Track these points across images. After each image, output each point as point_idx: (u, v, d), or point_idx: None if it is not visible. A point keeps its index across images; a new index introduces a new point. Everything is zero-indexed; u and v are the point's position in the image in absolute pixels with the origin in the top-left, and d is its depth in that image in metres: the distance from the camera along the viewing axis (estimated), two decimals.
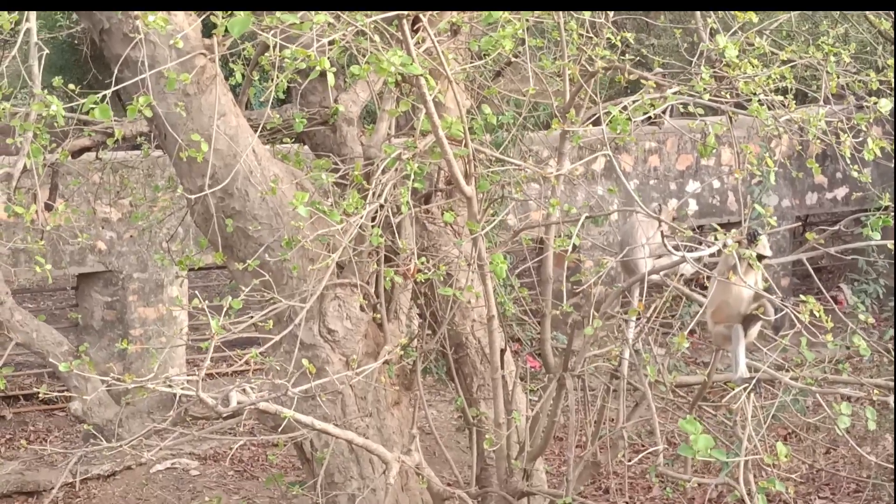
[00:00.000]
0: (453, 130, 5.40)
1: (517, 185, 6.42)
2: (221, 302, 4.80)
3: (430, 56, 5.22)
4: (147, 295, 12.12)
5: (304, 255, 5.96)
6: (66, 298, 14.56)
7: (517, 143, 9.22)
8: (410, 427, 6.32)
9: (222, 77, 5.96)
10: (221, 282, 15.59)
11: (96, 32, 5.84)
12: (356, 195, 5.43)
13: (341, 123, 7.08)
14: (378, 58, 4.76)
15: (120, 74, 5.57)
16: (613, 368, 6.08)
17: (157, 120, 5.80)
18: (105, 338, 12.05)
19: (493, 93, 6.90)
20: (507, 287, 7.38)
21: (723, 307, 5.41)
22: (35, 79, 4.89)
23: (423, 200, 6.79)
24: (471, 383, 7.07)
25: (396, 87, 6.14)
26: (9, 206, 5.41)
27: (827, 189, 14.85)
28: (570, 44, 5.67)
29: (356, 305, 6.28)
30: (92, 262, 11.83)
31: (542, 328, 6.19)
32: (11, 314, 6.21)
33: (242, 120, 6.08)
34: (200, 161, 5.61)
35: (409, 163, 5.44)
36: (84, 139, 6.85)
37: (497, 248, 6.25)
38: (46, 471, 10.62)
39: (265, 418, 5.92)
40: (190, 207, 6.19)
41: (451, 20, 5.94)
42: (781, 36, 6.63)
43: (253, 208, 6.00)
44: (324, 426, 5.32)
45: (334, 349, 6.21)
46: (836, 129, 5.68)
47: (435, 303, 6.77)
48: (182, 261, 6.85)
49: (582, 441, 7.45)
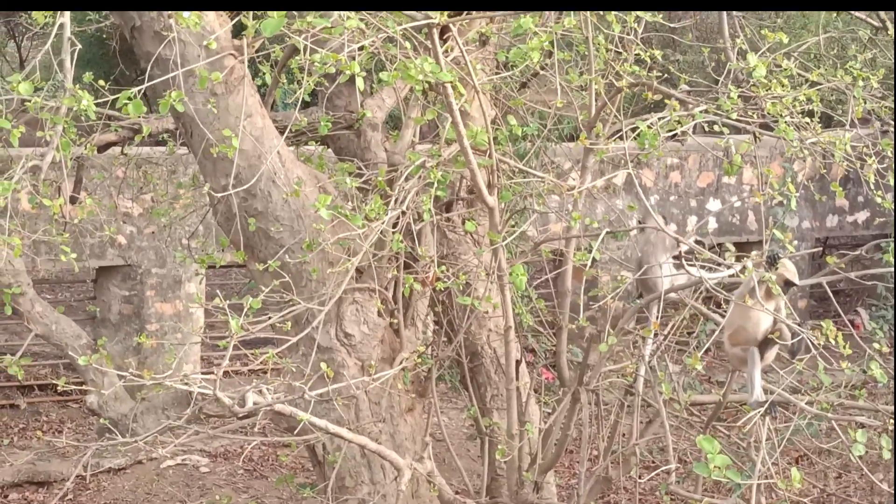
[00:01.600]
0: (478, 140, 5.42)
1: (539, 196, 6.43)
2: (240, 301, 4.82)
3: (458, 65, 5.23)
4: (164, 290, 12.17)
5: (323, 258, 5.97)
6: (84, 291, 14.63)
7: (540, 154, 9.23)
8: (423, 434, 6.33)
9: (250, 78, 5.99)
10: (239, 280, 15.63)
11: (127, 29, 5.88)
12: (379, 200, 5.45)
13: (366, 128, 7.11)
14: (406, 65, 4.79)
15: (150, 72, 5.60)
16: (628, 384, 6.09)
17: (184, 118, 5.83)
18: (121, 332, 12.11)
19: (519, 104, 6.92)
20: (525, 298, 7.39)
21: (740, 331, 5.40)
22: (67, 73, 4.92)
23: (445, 209, 6.81)
24: (484, 393, 7.08)
25: (423, 95, 6.16)
26: (32, 198, 5.44)
27: (848, 212, 14.82)
28: (598, 58, 5.68)
29: (374, 310, 6.30)
30: (112, 255, 11.90)
31: (558, 341, 6.20)
32: (32, 305, 6.25)
33: (268, 121, 6.11)
34: (222, 160, 5.63)
35: (433, 171, 5.45)
36: (110, 134, 6.89)
37: (517, 259, 6.26)
38: (58, 462, 10.67)
39: (279, 419, 5.94)
40: (213, 206, 6.22)
41: (479, 30, 5.96)
42: (809, 58, 6.63)
43: (275, 209, 6.02)
44: (337, 430, 5.33)
45: (350, 353, 6.22)
46: (861, 153, 5.68)
47: (452, 311, 6.78)
48: (202, 258, 6.88)
49: (594, 455, 7.45)
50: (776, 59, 5.65)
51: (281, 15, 4.62)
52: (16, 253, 5.19)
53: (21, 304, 6.22)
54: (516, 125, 6.21)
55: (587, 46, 5.53)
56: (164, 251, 11.88)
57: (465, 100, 5.56)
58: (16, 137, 4.93)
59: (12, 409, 12.05)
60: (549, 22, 5.55)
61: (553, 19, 5.66)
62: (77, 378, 6.31)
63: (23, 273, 6.24)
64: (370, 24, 5.48)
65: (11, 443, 11.36)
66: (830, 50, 7.56)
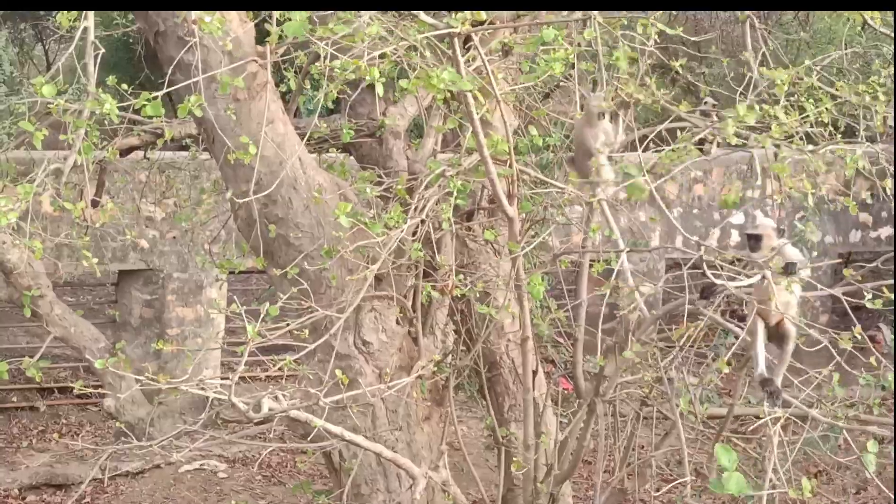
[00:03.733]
0: (498, 149, 5.42)
1: (559, 207, 6.42)
2: (259, 307, 4.83)
3: (480, 75, 5.23)
4: (186, 295, 12.21)
5: (343, 266, 5.98)
6: (105, 294, 14.70)
7: (562, 165, 9.22)
8: (439, 443, 6.33)
9: (273, 84, 6.00)
10: (261, 286, 15.67)
11: (151, 34, 5.90)
12: (398, 209, 5.45)
13: (388, 136, 7.13)
14: (428, 74, 4.79)
15: (172, 77, 5.62)
16: (644, 396, 6.07)
17: (206, 123, 5.85)
18: (142, 335, 12.15)
19: (542, 114, 6.91)
20: (544, 308, 7.38)
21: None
22: (90, 77, 4.95)
23: (466, 217, 6.81)
24: (502, 402, 7.07)
25: (444, 104, 6.17)
26: (55, 201, 5.48)
27: (871, 227, 14.74)
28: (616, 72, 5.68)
29: (393, 318, 6.30)
30: (134, 259, 11.95)
31: (574, 352, 6.18)
32: (51, 308, 6.28)
33: (290, 128, 6.12)
34: (245, 166, 5.65)
35: (453, 180, 5.45)
36: (133, 138, 6.93)
37: (536, 269, 6.25)
38: (76, 464, 10.71)
39: (295, 426, 5.95)
40: (234, 212, 6.24)
41: (502, 40, 5.96)
42: (832, 73, 6.61)
43: (296, 216, 6.03)
44: (353, 437, 5.33)
45: (368, 361, 6.22)
46: (884, 167, 5.66)
47: (471, 320, 6.78)
48: (223, 264, 6.89)
49: (610, 467, 7.43)
50: (798, 73, 5.63)
51: (303, 18, 4.63)
52: (37, 255, 5.21)
53: (40, 307, 6.25)
54: (537, 136, 6.20)
55: (597, 62, 5.53)
56: (187, 256, 11.92)
57: (487, 109, 5.56)
58: (39, 140, 4.95)
59: (32, 411, 12.10)
60: (572, 34, 5.55)
61: (576, 30, 5.66)
62: (96, 381, 6.34)
63: (42, 276, 6.27)
64: (392, 31, 5.50)
65: (30, 445, 11.42)
66: (854, 63, 7.53)
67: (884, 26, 6.70)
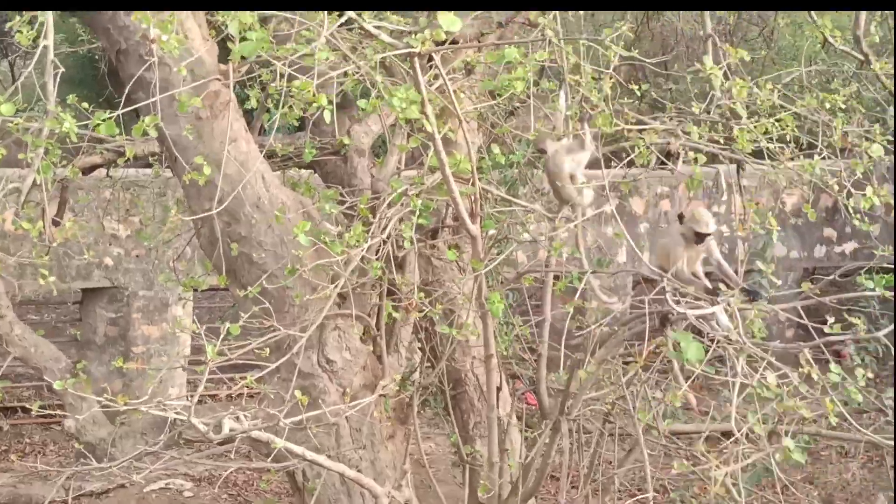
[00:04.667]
0: (461, 168, 5.42)
1: (522, 225, 6.43)
2: (223, 325, 4.81)
3: (443, 94, 5.24)
4: (151, 313, 12.14)
5: (306, 284, 5.96)
6: (70, 312, 14.59)
7: (528, 181, 9.24)
8: (403, 462, 6.31)
9: (236, 103, 5.99)
10: (227, 303, 15.61)
11: (113, 52, 5.88)
12: (360, 227, 5.45)
13: (352, 154, 7.13)
14: (389, 93, 4.79)
15: (134, 95, 5.61)
16: (607, 412, 6.08)
17: (167, 142, 5.83)
18: (107, 353, 12.07)
19: (505, 131, 6.93)
20: (507, 325, 7.39)
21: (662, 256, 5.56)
22: (49, 96, 4.93)
23: (430, 235, 6.81)
24: (467, 420, 7.07)
25: (407, 122, 6.17)
26: (16, 221, 5.44)
27: (836, 243, 14.85)
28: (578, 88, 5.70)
29: (356, 337, 6.28)
30: (98, 277, 11.87)
31: (537, 369, 6.19)
32: (11, 328, 6.23)
33: (253, 146, 6.11)
34: (207, 185, 5.63)
35: (414, 199, 5.46)
36: (95, 157, 6.90)
37: (499, 287, 6.26)
38: (40, 485, 10.61)
39: (259, 445, 5.92)
40: (196, 230, 6.21)
41: (464, 59, 5.98)
42: (794, 90, 6.67)
43: (259, 235, 6.02)
44: (315, 457, 5.31)
45: (332, 379, 6.21)
46: (840, 182, 5.71)
47: (436, 338, 6.78)
48: (186, 282, 6.86)
49: (576, 483, 7.43)
50: (759, 90, 5.68)
51: (259, 37, 4.63)
52: None
53: (0, 327, 6.20)
54: (499, 154, 6.21)
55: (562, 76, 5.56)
56: (152, 273, 11.86)
57: (450, 128, 5.57)
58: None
59: None
60: (533, 53, 5.56)
61: (537, 49, 5.67)
62: (59, 401, 6.29)
63: (2, 295, 6.22)
64: (355, 49, 5.50)
65: None
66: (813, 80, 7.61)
67: (843, 44, 6.78)
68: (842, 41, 6.68)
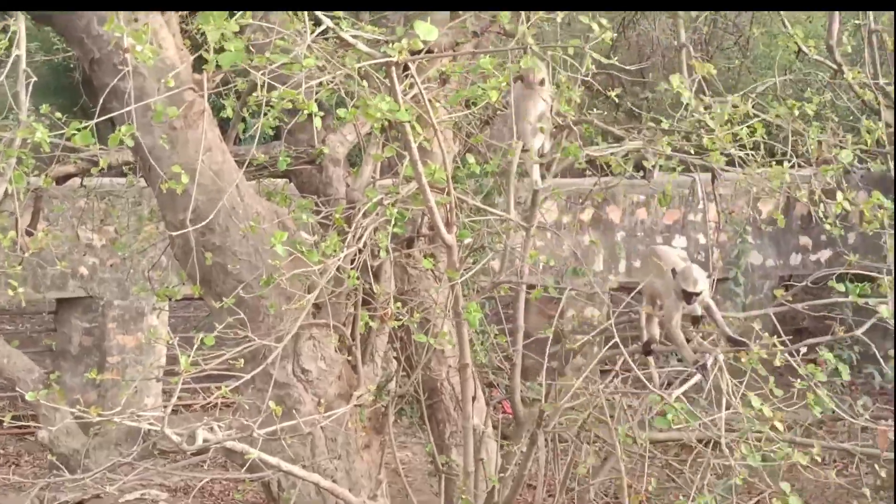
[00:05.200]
0: (436, 177, 5.42)
1: (497, 235, 6.44)
2: (198, 335, 4.80)
3: (418, 103, 5.25)
4: (127, 323, 12.07)
5: (281, 294, 5.96)
6: (45, 322, 14.50)
7: (503, 190, 9.24)
8: (378, 471, 6.30)
9: (210, 112, 5.98)
10: (203, 312, 15.54)
11: (87, 62, 5.86)
12: (335, 237, 5.45)
13: (328, 164, 7.11)
14: (366, 102, 4.79)
15: (108, 105, 5.58)
16: (583, 420, 6.09)
17: (141, 152, 5.81)
18: (82, 364, 11.99)
19: (479, 141, 6.94)
20: (482, 334, 7.40)
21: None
22: (22, 105, 4.91)
23: (406, 244, 6.81)
24: (443, 429, 7.07)
25: (382, 132, 6.18)
26: None
27: (811, 251, 14.91)
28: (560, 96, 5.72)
29: (332, 346, 6.28)
30: (73, 287, 11.80)
31: (511, 378, 6.20)
32: None
33: (228, 156, 6.10)
34: (182, 194, 5.61)
35: (390, 208, 5.46)
36: (69, 166, 6.87)
37: (474, 296, 6.26)
38: (14, 496, 10.53)
39: (234, 456, 5.90)
40: (171, 240, 6.19)
41: (439, 69, 5.99)
42: (767, 100, 6.70)
43: (233, 245, 6.00)
44: (290, 468, 5.30)
45: (307, 389, 6.19)
46: (812, 189, 5.75)
47: (411, 347, 6.77)
48: (160, 292, 6.83)
49: (553, 491, 7.43)
50: (732, 100, 5.71)
51: (238, 48, 4.62)
52: None
53: None
54: (473, 164, 6.23)
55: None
56: (127, 283, 11.79)
57: (425, 137, 5.57)
58: None
59: None
60: (507, 63, 5.58)
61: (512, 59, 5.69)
62: (33, 412, 6.26)
63: None
64: (330, 60, 5.50)
65: None
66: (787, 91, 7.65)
67: (817, 53, 6.83)
68: (815, 51, 6.73)
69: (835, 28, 6.62)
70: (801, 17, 15.40)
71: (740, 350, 5.32)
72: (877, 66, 6.86)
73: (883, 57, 7.14)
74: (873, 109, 6.41)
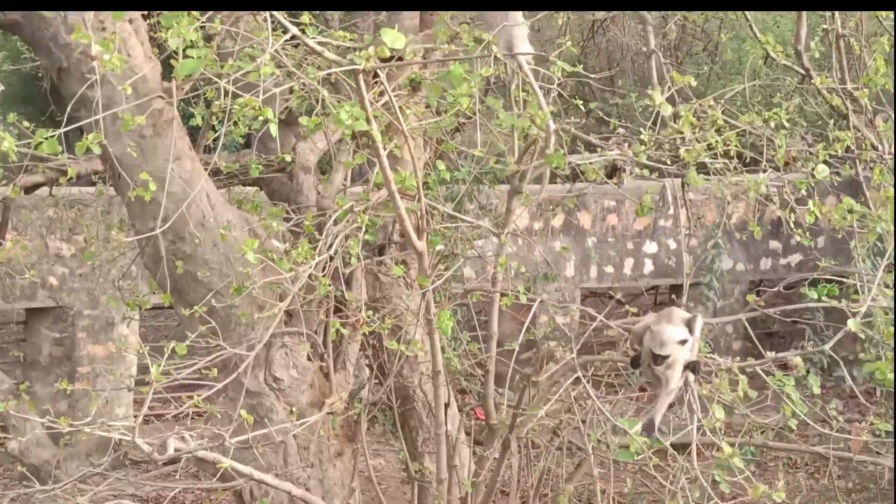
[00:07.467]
0: (407, 185, 5.41)
1: (468, 241, 6.44)
2: (169, 344, 4.77)
3: (389, 110, 5.24)
4: (97, 332, 12.00)
5: (253, 302, 5.93)
6: (14, 332, 14.38)
7: (474, 197, 9.25)
8: (351, 479, 6.29)
9: (180, 121, 5.95)
10: (174, 321, 15.45)
11: (54, 70, 5.82)
12: (306, 245, 5.43)
13: (298, 171, 7.09)
14: (336, 109, 4.78)
15: (76, 113, 5.55)
16: (555, 427, 6.10)
17: (110, 160, 5.78)
18: (52, 374, 11.90)
19: (451, 148, 6.94)
20: (455, 341, 7.40)
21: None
22: None
23: (377, 252, 6.80)
24: (416, 437, 7.06)
25: (352, 139, 6.16)
26: None
27: (781, 255, 14.98)
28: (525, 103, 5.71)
29: (304, 355, 6.26)
30: (42, 297, 11.71)
31: (484, 384, 6.20)
32: None
33: (198, 164, 6.07)
34: (150, 202, 5.59)
35: (361, 215, 5.45)
36: (37, 175, 6.82)
37: (446, 304, 6.26)
38: None
39: (206, 465, 5.87)
40: (141, 249, 6.16)
41: (409, 76, 5.98)
42: (737, 106, 6.74)
43: (204, 253, 5.98)
44: (262, 477, 5.28)
45: (279, 398, 6.17)
46: (783, 196, 5.78)
47: (383, 354, 6.76)
48: (131, 301, 6.79)
49: (526, 497, 7.43)
50: (702, 106, 5.73)
51: (201, 55, 4.60)
52: None
53: None
54: (444, 170, 6.22)
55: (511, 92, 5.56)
56: (97, 292, 11.72)
57: (395, 144, 5.56)
58: None
59: None
60: (478, 70, 5.57)
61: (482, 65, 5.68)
62: (2, 423, 6.20)
63: None
64: (300, 66, 5.48)
65: None
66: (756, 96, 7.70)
67: (785, 59, 6.86)
68: (783, 55, 6.76)
69: (802, 33, 6.67)
70: (769, 22, 15.51)
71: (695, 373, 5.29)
72: (844, 71, 6.91)
73: (850, 61, 7.19)
74: (841, 114, 6.45)
